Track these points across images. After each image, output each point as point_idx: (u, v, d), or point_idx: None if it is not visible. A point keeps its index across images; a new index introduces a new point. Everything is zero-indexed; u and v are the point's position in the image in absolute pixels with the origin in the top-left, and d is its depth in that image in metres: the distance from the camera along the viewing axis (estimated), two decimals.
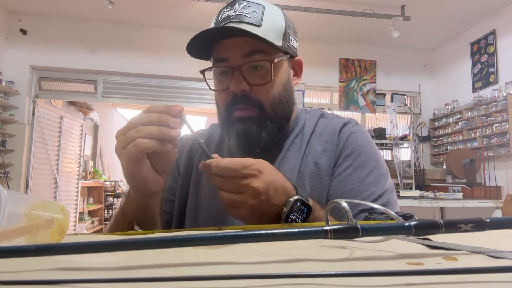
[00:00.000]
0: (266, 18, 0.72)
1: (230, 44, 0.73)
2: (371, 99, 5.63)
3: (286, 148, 0.80)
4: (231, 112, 0.75)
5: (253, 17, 0.72)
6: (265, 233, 0.27)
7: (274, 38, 0.73)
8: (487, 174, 4.48)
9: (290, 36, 0.77)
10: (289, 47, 0.77)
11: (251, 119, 0.74)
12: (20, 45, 4.82)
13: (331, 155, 0.76)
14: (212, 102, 0.84)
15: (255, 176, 0.56)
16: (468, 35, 5.20)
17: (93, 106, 6.83)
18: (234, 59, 0.73)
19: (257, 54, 0.72)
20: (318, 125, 0.82)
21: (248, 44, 0.72)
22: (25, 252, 0.24)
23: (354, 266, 0.29)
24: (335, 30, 5.21)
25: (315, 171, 0.75)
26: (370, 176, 0.74)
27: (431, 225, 0.30)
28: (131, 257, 0.30)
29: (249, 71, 0.73)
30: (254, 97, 0.73)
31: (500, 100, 4.47)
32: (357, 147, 0.77)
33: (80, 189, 6.03)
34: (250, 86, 0.73)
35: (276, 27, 0.74)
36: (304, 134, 0.81)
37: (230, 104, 0.74)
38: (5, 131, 4.49)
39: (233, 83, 0.72)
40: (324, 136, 0.79)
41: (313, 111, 0.87)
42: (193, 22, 4.73)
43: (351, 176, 0.74)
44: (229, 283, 0.22)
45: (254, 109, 0.74)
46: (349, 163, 0.75)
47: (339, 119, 0.83)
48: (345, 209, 0.33)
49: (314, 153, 0.77)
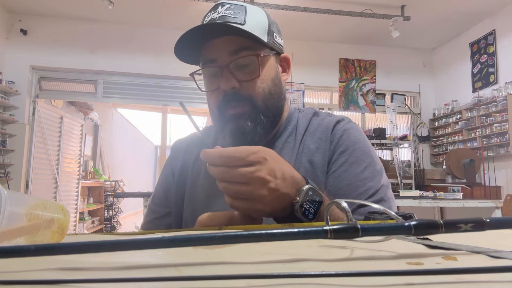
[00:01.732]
0: (250, 17, 0.74)
1: (216, 44, 0.74)
2: (371, 99, 5.63)
3: (280, 147, 0.80)
4: (223, 111, 0.75)
5: (237, 16, 0.73)
6: (265, 233, 0.27)
7: (259, 34, 0.74)
8: (486, 174, 4.48)
9: (274, 33, 0.79)
10: (274, 43, 0.78)
11: (244, 115, 0.74)
12: (20, 45, 4.82)
13: (325, 152, 0.77)
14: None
15: (261, 163, 0.53)
16: (468, 35, 5.20)
17: (93, 106, 6.84)
18: (222, 59, 0.74)
19: (244, 51, 0.73)
20: (311, 123, 0.82)
21: (233, 42, 0.73)
22: (25, 252, 0.24)
23: (354, 266, 0.29)
24: (335, 30, 5.21)
25: (310, 169, 0.75)
26: (366, 172, 0.74)
27: (431, 225, 0.30)
28: (131, 257, 0.30)
29: (238, 69, 0.74)
30: (244, 93, 0.74)
31: (500, 100, 4.47)
32: (351, 143, 0.77)
33: (80, 189, 6.03)
34: (240, 82, 0.74)
35: (260, 25, 0.76)
36: (297, 133, 0.81)
37: (222, 102, 0.75)
38: (5, 131, 4.49)
39: (222, 81, 0.73)
40: (317, 134, 0.80)
41: (306, 110, 0.87)
42: (193, 22, 4.71)
43: (347, 172, 0.73)
44: (229, 283, 0.22)
45: (246, 105, 0.74)
46: (344, 159, 0.75)
47: (332, 117, 0.83)
48: (345, 209, 0.33)
49: (308, 151, 0.78)
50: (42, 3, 4.61)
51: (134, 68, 5.09)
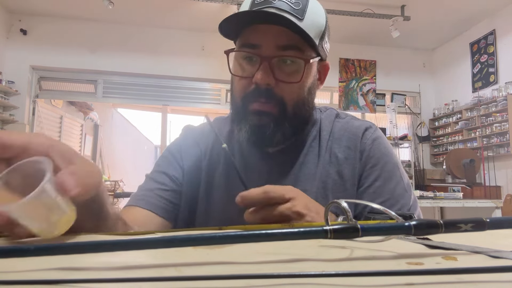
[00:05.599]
0: (310, 12, 0.66)
1: (266, 30, 0.66)
2: (371, 99, 5.63)
3: (304, 153, 0.75)
4: (248, 103, 0.69)
5: (297, 8, 0.65)
6: (265, 233, 0.27)
7: (313, 36, 0.67)
8: (487, 174, 4.48)
9: (326, 38, 0.73)
10: (323, 49, 0.72)
11: (270, 115, 0.68)
12: (20, 45, 4.83)
13: (355, 163, 0.73)
14: (212, 102, 0.80)
15: (295, 199, 0.55)
16: (468, 35, 5.21)
17: (93, 106, 6.84)
18: (267, 48, 0.66)
19: (292, 50, 0.67)
20: (335, 126, 0.78)
21: (285, 36, 0.65)
22: (25, 252, 0.24)
23: (354, 266, 0.29)
24: (335, 30, 5.17)
25: (339, 181, 0.72)
26: (398, 188, 0.72)
27: (431, 225, 0.30)
28: (131, 257, 0.30)
29: (279, 65, 0.67)
30: (278, 94, 0.68)
31: (500, 100, 4.47)
32: (382, 156, 0.74)
33: None
34: (277, 81, 0.67)
35: (317, 25, 0.68)
36: (321, 137, 0.76)
37: (250, 94, 0.68)
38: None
39: (259, 73, 0.66)
40: (344, 141, 0.75)
41: (327, 111, 0.82)
42: (193, 22, 4.73)
43: (381, 188, 0.71)
44: (229, 283, 0.22)
45: (276, 107, 0.68)
46: (377, 174, 0.72)
47: (359, 122, 0.78)
48: (345, 209, 0.33)
49: (336, 160, 0.73)
50: (42, 3, 4.61)
51: (134, 68, 5.10)
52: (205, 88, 5.22)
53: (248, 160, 0.76)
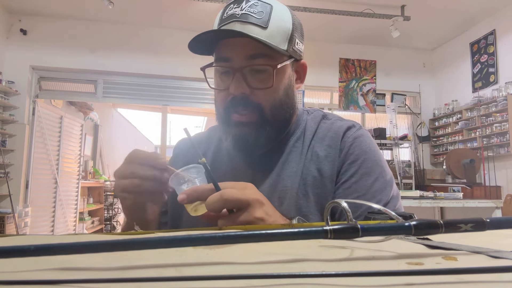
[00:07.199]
0: (273, 19, 0.70)
1: (234, 44, 0.71)
2: (371, 99, 5.63)
3: (287, 152, 0.78)
4: (229, 114, 0.73)
5: (260, 17, 0.69)
6: (265, 233, 0.27)
7: (280, 41, 0.71)
8: (487, 174, 4.48)
9: (296, 39, 0.75)
10: (294, 51, 0.75)
11: (250, 124, 0.73)
12: (20, 45, 4.82)
13: (334, 160, 0.74)
14: (212, 102, 0.82)
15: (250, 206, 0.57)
16: (468, 35, 5.20)
17: (93, 106, 6.83)
18: (237, 60, 0.71)
19: (260, 58, 0.70)
20: (320, 127, 0.80)
21: (252, 46, 0.69)
22: (25, 252, 0.24)
23: (354, 266, 0.29)
24: (335, 30, 5.21)
25: (318, 178, 0.74)
26: (376, 183, 0.72)
27: (431, 225, 0.30)
28: (131, 257, 0.30)
29: (251, 74, 0.71)
30: (254, 101, 0.72)
31: (500, 100, 4.47)
32: (362, 153, 0.75)
33: (80, 189, 6.03)
34: (251, 89, 0.71)
35: (283, 30, 0.72)
36: (305, 137, 0.79)
37: (229, 105, 0.73)
38: (5, 131, 4.49)
39: (233, 85, 0.71)
40: (326, 140, 0.77)
41: (314, 113, 0.85)
42: (193, 22, 4.73)
43: (356, 183, 0.72)
44: (229, 283, 0.22)
45: (254, 113, 0.72)
46: (354, 170, 0.73)
47: (342, 122, 0.80)
48: (345, 209, 0.33)
49: (316, 158, 0.75)
50: (42, 3, 4.61)
51: (134, 68, 5.09)
52: (205, 88, 5.22)
53: (235, 162, 0.81)
